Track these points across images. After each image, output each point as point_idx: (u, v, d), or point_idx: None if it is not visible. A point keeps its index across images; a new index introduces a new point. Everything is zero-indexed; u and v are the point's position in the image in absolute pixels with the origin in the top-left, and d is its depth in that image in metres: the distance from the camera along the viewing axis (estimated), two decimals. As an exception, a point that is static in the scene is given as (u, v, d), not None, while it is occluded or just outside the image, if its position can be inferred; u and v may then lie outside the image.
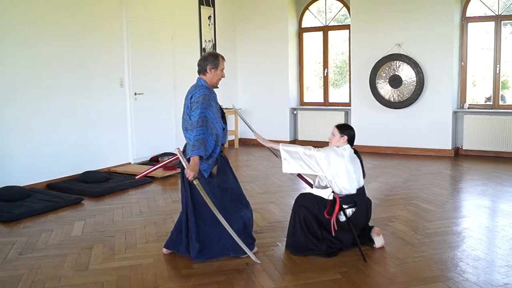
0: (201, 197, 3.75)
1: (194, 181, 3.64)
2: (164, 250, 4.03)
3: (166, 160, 4.22)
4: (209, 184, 3.76)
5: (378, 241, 4.02)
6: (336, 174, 3.89)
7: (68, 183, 6.39)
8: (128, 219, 5.04)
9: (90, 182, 6.41)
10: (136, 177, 4.27)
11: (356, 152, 4.08)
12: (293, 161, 3.95)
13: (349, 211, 3.95)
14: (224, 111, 4.00)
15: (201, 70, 3.84)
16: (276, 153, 4.16)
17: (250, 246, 3.89)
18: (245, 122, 4.41)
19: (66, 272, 3.70)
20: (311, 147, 4.00)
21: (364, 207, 4.03)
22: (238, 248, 3.81)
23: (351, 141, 4.05)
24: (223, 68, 3.90)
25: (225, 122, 3.90)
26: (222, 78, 3.94)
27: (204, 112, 3.65)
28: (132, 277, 3.60)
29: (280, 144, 4.02)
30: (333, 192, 3.98)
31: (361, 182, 4.03)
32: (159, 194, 6.04)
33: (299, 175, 4.21)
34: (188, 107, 3.74)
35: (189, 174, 3.60)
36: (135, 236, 4.49)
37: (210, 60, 3.81)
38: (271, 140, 4.24)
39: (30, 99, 6.20)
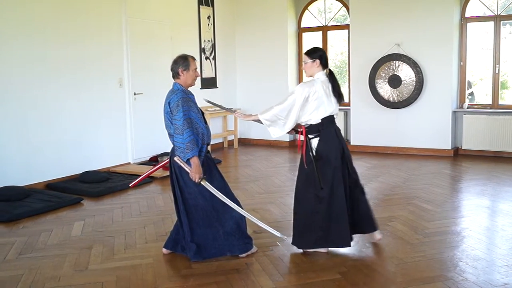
0: (192, 200, 3.81)
1: (202, 182, 3.69)
2: (164, 250, 4.04)
3: (159, 165, 4.27)
4: (197, 186, 3.76)
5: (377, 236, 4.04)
6: (308, 107, 3.82)
7: (68, 183, 6.39)
8: (127, 219, 5.04)
9: (89, 182, 6.41)
10: (130, 185, 4.35)
11: (331, 74, 3.91)
12: (276, 124, 3.89)
13: (315, 142, 3.86)
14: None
15: (174, 74, 3.88)
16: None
17: (247, 245, 3.91)
18: (222, 107, 4.41)
19: (65, 272, 3.71)
20: (283, 99, 3.86)
21: (333, 137, 3.86)
22: (234, 248, 3.86)
23: (325, 63, 3.90)
24: (195, 68, 3.92)
25: (205, 122, 3.92)
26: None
27: (187, 114, 3.70)
28: (131, 277, 3.60)
29: (258, 113, 3.97)
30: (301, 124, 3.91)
31: (333, 112, 3.88)
32: (158, 194, 6.04)
33: (297, 132, 4.09)
34: (167, 112, 3.78)
35: (195, 176, 3.66)
36: (134, 236, 4.50)
37: (180, 62, 3.84)
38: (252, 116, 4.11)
39: (28, 99, 6.20)
